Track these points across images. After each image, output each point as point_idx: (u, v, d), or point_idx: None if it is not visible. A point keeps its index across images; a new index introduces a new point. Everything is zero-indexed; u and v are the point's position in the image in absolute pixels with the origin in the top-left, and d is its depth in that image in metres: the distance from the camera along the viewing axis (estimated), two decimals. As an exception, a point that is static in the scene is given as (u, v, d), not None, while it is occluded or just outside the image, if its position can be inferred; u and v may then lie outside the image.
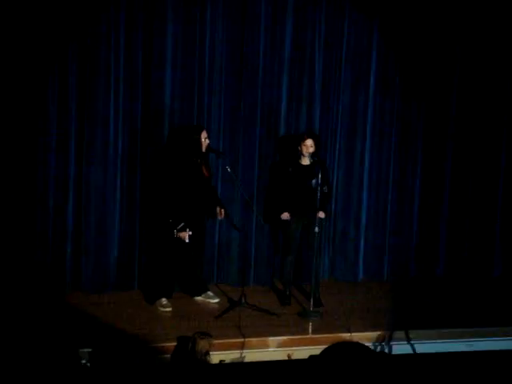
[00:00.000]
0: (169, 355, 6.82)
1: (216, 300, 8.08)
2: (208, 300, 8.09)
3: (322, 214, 7.90)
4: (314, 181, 7.87)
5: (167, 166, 7.75)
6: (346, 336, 7.18)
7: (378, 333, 7.39)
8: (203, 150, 7.76)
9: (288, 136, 8.49)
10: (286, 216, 7.97)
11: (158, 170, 7.84)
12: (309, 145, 7.89)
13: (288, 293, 8.11)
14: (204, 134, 7.75)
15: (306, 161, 7.98)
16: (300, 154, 7.98)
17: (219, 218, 7.95)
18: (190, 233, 7.62)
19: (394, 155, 8.85)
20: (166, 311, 7.80)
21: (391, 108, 8.75)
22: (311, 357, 6.46)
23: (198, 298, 8.12)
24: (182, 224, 7.59)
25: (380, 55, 8.64)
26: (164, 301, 7.87)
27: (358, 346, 3.50)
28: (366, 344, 3.70)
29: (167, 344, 6.95)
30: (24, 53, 7.48)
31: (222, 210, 7.89)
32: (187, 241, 7.62)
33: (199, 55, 8.13)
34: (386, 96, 8.73)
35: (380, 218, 8.90)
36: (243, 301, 7.80)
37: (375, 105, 8.73)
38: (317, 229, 7.71)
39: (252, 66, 8.30)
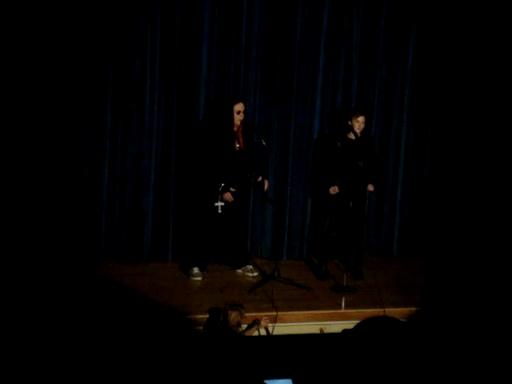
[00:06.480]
0: (201, 327, 6.85)
1: (255, 274, 8.06)
2: (246, 273, 8.09)
3: (370, 187, 7.95)
4: (362, 155, 7.83)
5: (202, 136, 7.75)
6: (380, 312, 7.14)
7: (412, 309, 7.33)
8: (236, 122, 7.71)
9: (336, 110, 8.43)
10: (334, 190, 7.90)
11: (194, 140, 7.87)
12: (361, 121, 7.82)
13: (324, 268, 8.07)
14: (237, 107, 7.67)
15: (354, 135, 7.87)
16: (349, 129, 7.89)
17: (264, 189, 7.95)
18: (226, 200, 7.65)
19: (430, 130, 8.73)
20: (196, 280, 7.85)
21: (429, 82, 8.61)
22: (344, 331, 6.45)
23: (239, 271, 8.15)
24: (223, 185, 7.61)
25: (419, 28, 8.49)
26: (195, 270, 7.91)
27: (392, 321, 3.47)
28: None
29: (200, 316, 6.97)
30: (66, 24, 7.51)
31: (266, 181, 7.89)
32: (219, 211, 7.62)
33: (236, 26, 8.07)
34: (423, 70, 8.58)
35: (416, 194, 8.80)
36: (276, 274, 7.81)
37: (413, 78, 8.60)
38: (351, 204, 7.75)
39: (289, 38, 8.22)
